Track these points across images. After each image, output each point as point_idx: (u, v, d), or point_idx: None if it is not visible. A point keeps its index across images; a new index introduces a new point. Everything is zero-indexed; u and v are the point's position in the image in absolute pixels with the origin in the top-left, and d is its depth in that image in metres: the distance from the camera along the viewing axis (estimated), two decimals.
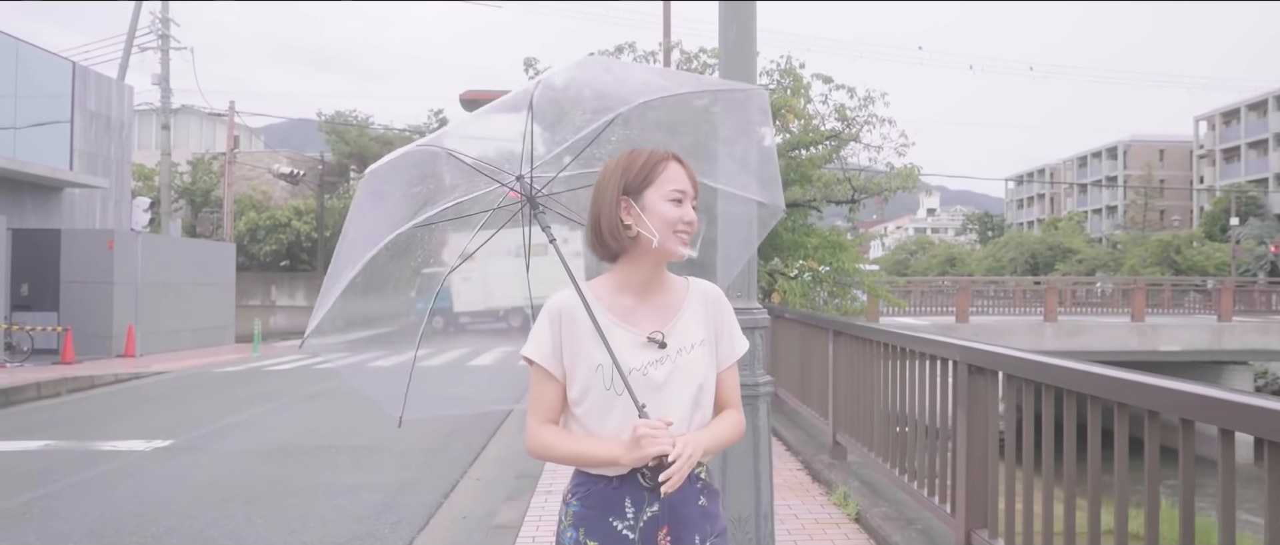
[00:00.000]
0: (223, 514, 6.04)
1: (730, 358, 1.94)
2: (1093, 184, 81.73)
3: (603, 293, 1.87)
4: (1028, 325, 22.54)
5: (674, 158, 1.87)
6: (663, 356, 1.82)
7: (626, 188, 1.83)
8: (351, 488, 6.76)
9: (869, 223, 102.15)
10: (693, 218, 1.84)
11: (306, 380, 14.32)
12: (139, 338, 18.99)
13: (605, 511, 1.80)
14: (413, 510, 6.07)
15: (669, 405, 1.80)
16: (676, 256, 1.83)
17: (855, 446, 5.94)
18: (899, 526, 4.76)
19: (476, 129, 2.34)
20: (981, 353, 3.93)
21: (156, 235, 23.01)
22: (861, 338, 5.77)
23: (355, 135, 39.07)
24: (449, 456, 7.85)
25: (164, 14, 27.72)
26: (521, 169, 2.10)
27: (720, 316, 1.94)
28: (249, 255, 33.75)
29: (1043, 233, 69.81)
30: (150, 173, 34.18)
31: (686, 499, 1.83)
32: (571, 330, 1.83)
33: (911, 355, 4.81)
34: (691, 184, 1.86)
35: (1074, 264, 56.01)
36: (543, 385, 1.84)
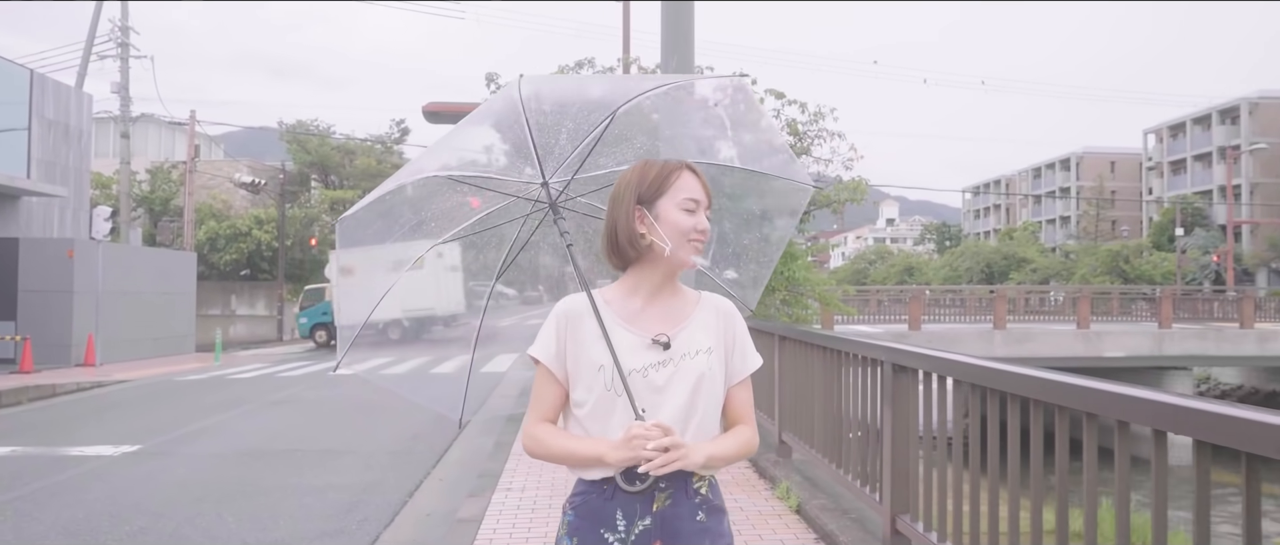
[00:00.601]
0: (195, 513, 6.26)
1: (742, 372, 1.94)
2: (1047, 195, 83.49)
3: (613, 298, 1.90)
4: (978, 333, 23.21)
5: (687, 167, 1.88)
6: (666, 359, 1.83)
7: (641, 197, 1.85)
8: (319, 488, 7.00)
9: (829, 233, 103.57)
10: (705, 226, 1.86)
11: (270, 387, 14.46)
12: (99, 347, 18.93)
13: (597, 522, 1.81)
14: (378, 509, 6.34)
15: (666, 408, 1.81)
16: (688, 265, 1.86)
17: (799, 445, 6.31)
18: (835, 516, 5.13)
19: (471, 148, 2.38)
20: (905, 353, 4.32)
21: (117, 244, 22.89)
22: (804, 342, 6.15)
23: (317, 145, 39.01)
24: (413, 459, 8.12)
25: (123, 21, 27.59)
26: (545, 176, 2.15)
27: (732, 330, 1.94)
28: (209, 264, 33.54)
29: (998, 242, 71.24)
30: (108, 181, 33.87)
31: (682, 513, 1.83)
32: (576, 332, 1.86)
33: (847, 358, 5.19)
34: (704, 193, 1.88)
35: (1028, 273, 57.26)
36: (544, 385, 1.88)
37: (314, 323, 28.11)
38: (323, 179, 40.56)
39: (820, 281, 12.01)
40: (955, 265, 64.47)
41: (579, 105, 2.26)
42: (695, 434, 1.82)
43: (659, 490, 1.80)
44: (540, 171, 2.14)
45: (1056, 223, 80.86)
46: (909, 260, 78.33)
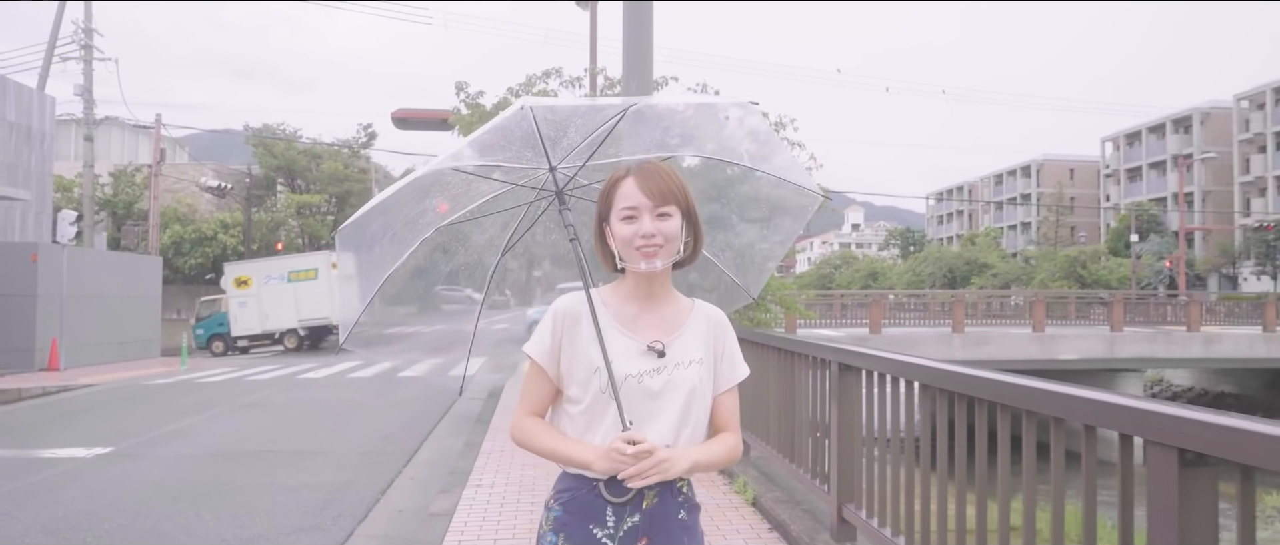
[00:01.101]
0: (172, 512, 6.45)
1: (731, 381, 1.97)
2: (1008, 201, 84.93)
3: (610, 300, 1.92)
4: (937, 336, 23.78)
5: (630, 173, 1.87)
6: (661, 366, 1.86)
7: (601, 214, 1.90)
8: (293, 487, 7.21)
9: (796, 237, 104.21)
10: (650, 230, 1.82)
11: (240, 391, 14.56)
12: (63, 351, 18.86)
13: (586, 518, 1.84)
14: (352, 506, 6.56)
15: (660, 415, 1.84)
16: (643, 272, 1.86)
17: (756, 442, 6.63)
18: (788, 508, 5.45)
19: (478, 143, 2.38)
20: (850, 354, 4.65)
21: (82, 248, 22.77)
22: (760, 344, 6.47)
23: (283, 148, 38.88)
24: (384, 458, 8.34)
25: (87, 23, 27.40)
26: (553, 162, 2.16)
27: (722, 340, 1.97)
28: (174, 268, 33.33)
29: (961, 248, 72.42)
30: (70, 184, 33.55)
31: (668, 513, 1.87)
32: (572, 332, 1.88)
33: (799, 359, 5.52)
34: (651, 194, 1.83)
35: (989, 278, 58.30)
36: (536, 381, 1.91)
37: (210, 334, 28.16)
38: (289, 183, 40.40)
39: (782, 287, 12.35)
40: (918, 270, 65.45)
41: (589, 109, 2.31)
42: (686, 442, 1.86)
43: (648, 490, 1.83)
44: (547, 158, 2.15)
45: (1017, 228, 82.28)
46: (873, 265, 79.38)
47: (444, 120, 16.52)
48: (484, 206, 2.39)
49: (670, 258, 1.87)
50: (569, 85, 12.80)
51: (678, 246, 1.88)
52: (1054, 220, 68.62)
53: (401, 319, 2.73)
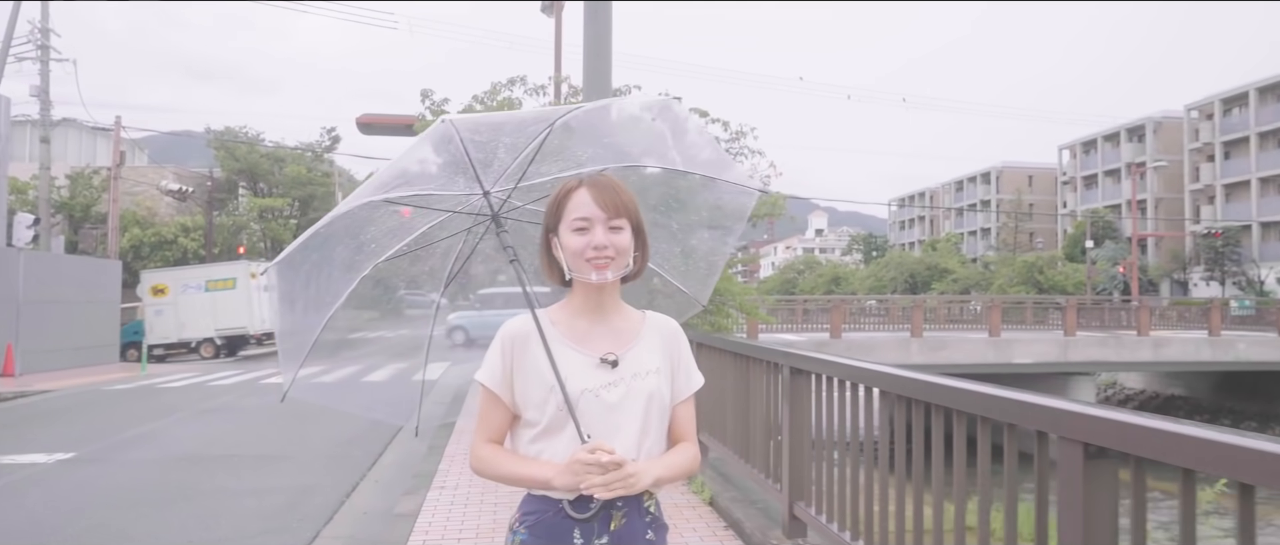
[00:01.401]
0: (138, 515, 6.51)
1: (687, 391, 1.95)
2: (968, 208, 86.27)
3: (559, 318, 1.90)
4: (896, 341, 24.21)
5: (583, 184, 1.85)
6: (616, 379, 1.83)
7: (548, 225, 1.88)
8: (258, 491, 7.29)
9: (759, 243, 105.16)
10: (603, 241, 1.80)
11: (201, 396, 14.51)
12: (19, 356, 18.62)
13: (553, 540, 1.80)
14: (317, 508, 6.66)
15: (621, 427, 1.81)
16: (592, 283, 1.83)
17: (714, 444, 6.83)
18: (743, 506, 5.66)
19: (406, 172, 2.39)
20: (801, 358, 4.87)
21: (38, 252, 22.46)
22: (717, 349, 6.68)
23: (245, 151, 38.56)
24: (349, 462, 8.43)
25: (43, 23, 27.04)
26: (486, 186, 2.16)
27: (677, 350, 1.96)
28: (133, 272, 32.89)
29: (922, 253, 73.43)
30: (24, 186, 33.01)
31: (635, 531, 1.83)
32: (522, 354, 1.85)
33: (753, 363, 5.73)
34: (604, 206, 1.82)
35: (950, 283, 59.20)
36: (490, 407, 1.88)
37: (125, 341, 27.79)
38: (251, 186, 40.06)
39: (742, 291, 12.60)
40: (880, 275, 66.28)
41: (515, 124, 2.28)
42: (647, 454, 1.83)
43: (615, 509, 1.81)
44: (479, 183, 2.15)
45: (978, 234, 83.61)
46: (836, 270, 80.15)
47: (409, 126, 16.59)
48: (423, 237, 2.38)
49: (621, 270, 1.85)
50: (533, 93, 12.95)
51: (628, 260, 1.86)
52: (1013, 226, 69.82)
53: (365, 324, 2.71)
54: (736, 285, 12.96)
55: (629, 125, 2.55)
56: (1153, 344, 25.33)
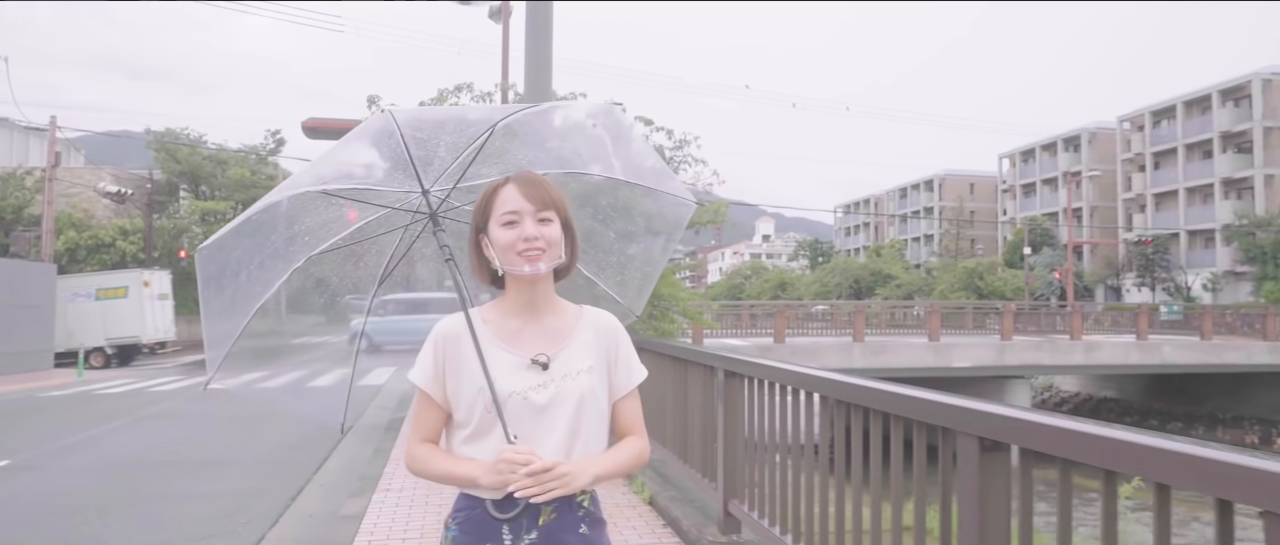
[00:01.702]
0: (79, 522, 6.49)
1: (628, 385, 1.94)
2: (911, 215, 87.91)
3: (491, 317, 1.89)
4: (839, 345, 24.70)
5: (511, 180, 1.87)
6: (546, 380, 1.82)
7: (478, 224, 1.87)
8: (202, 495, 7.30)
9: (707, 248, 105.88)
10: (533, 233, 1.81)
11: (143, 402, 14.31)
12: None
13: (483, 537, 1.81)
14: (262, 512, 6.70)
15: (549, 430, 1.81)
16: (524, 276, 1.83)
17: (655, 446, 7.02)
18: (682, 505, 5.85)
19: (346, 163, 2.39)
20: (734, 361, 5.08)
21: None
22: (657, 352, 6.87)
23: (187, 154, 37.87)
24: (294, 466, 8.45)
25: None
26: (425, 184, 2.16)
27: (615, 345, 1.94)
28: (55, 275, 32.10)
29: (867, 259, 74.67)
30: None
31: (567, 526, 1.83)
32: (454, 354, 1.85)
33: (691, 366, 5.93)
34: (532, 199, 1.83)
35: (893, 289, 60.32)
36: (424, 407, 1.89)
37: None
38: (193, 189, 39.34)
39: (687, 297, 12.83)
40: (826, 281, 67.26)
41: (457, 122, 2.30)
42: (580, 455, 1.82)
43: (546, 505, 1.80)
44: (419, 182, 2.15)
45: (921, 240, 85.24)
46: (783, 276, 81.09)
47: None
48: (359, 231, 2.37)
49: (553, 262, 1.85)
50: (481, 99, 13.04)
51: (560, 252, 1.86)
52: (955, 233, 71.36)
53: (309, 329, 2.72)
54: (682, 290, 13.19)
55: (572, 131, 2.57)
56: (1085, 348, 26.20)
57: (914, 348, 24.71)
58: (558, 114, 2.62)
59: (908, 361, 23.35)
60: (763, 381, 4.66)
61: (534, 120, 2.40)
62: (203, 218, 37.16)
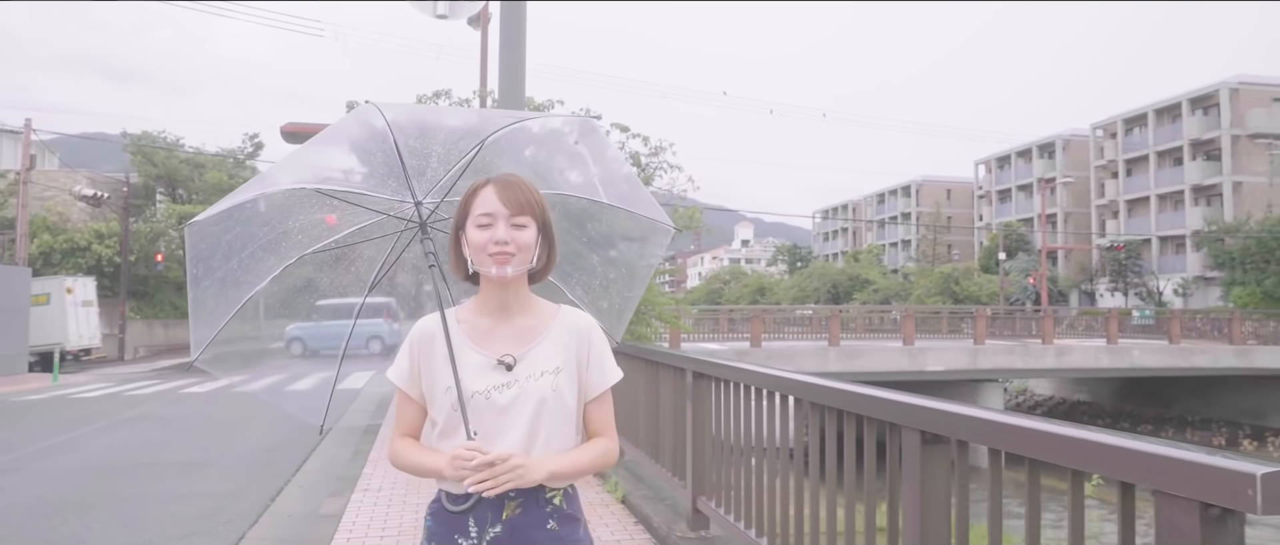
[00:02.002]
0: (58, 523, 6.57)
1: (599, 386, 1.96)
2: (889, 220, 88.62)
3: (465, 316, 1.96)
4: (814, 350, 24.98)
5: (490, 182, 1.91)
6: (510, 380, 1.87)
7: (457, 223, 1.93)
8: (183, 496, 7.40)
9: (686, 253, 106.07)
10: (504, 236, 1.85)
11: (120, 405, 14.32)
12: None
13: (452, 529, 1.87)
14: (242, 512, 6.81)
15: (509, 429, 1.85)
16: (492, 277, 1.88)
17: (629, 446, 7.19)
18: (653, 503, 6.03)
19: (336, 164, 2.43)
20: (703, 363, 5.26)
21: None
22: (630, 355, 7.04)
23: (164, 157, 37.71)
24: (273, 468, 8.55)
25: None
26: (418, 197, 2.21)
27: (588, 346, 1.96)
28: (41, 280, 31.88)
29: (845, 264, 75.22)
30: None
31: (533, 522, 1.87)
32: (427, 353, 1.92)
33: (662, 368, 6.12)
34: (508, 203, 1.87)
35: (871, 293, 60.85)
36: (401, 404, 1.97)
37: None
38: (170, 192, 39.17)
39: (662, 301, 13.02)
40: (804, 285, 67.73)
41: (445, 133, 2.33)
42: (539, 454, 1.86)
43: (509, 499, 1.84)
44: (412, 191, 2.20)
45: (899, 246, 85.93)
46: (761, 280, 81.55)
47: None
48: (353, 236, 2.41)
49: (523, 266, 1.89)
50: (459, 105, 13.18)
51: (532, 256, 1.90)
52: (932, 238, 72.02)
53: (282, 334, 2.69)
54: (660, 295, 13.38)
55: (556, 150, 2.60)
56: (1056, 352, 26.62)
57: (888, 352, 25.02)
58: (539, 128, 2.63)
59: (882, 365, 23.65)
60: (729, 382, 4.84)
61: (516, 136, 2.44)
62: (180, 220, 37.02)
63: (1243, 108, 51.88)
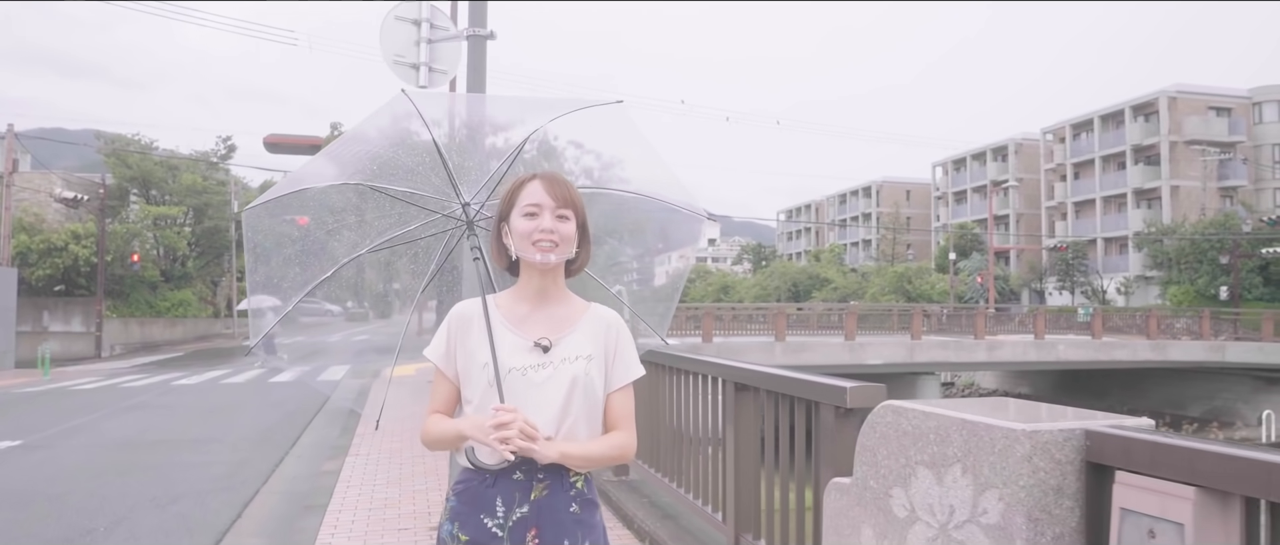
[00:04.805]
0: (102, 483, 8.00)
1: (623, 380, 2.03)
2: (850, 220, 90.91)
3: (503, 301, 2.04)
4: (762, 344, 26.69)
5: (537, 176, 2.00)
6: (546, 361, 1.94)
7: (501, 214, 2.02)
8: (198, 464, 8.84)
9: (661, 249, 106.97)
10: (550, 226, 1.94)
11: (118, 396, 15.65)
12: None
13: (478, 508, 1.93)
14: (252, 474, 8.26)
15: (542, 405, 1.92)
16: (537, 264, 1.96)
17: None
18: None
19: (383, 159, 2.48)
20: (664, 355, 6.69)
21: None
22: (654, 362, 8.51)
23: (138, 160, 38.66)
24: (273, 442, 10.01)
25: None
26: (464, 198, 2.32)
27: (617, 340, 2.04)
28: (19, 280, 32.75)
29: (808, 263, 77.26)
30: None
31: (558, 504, 1.93)
32: (464, 333, 2.00)
33: None
34: (554, 197, 1.96)
35: (830, 292, 62.76)
36: (437, 382, 2.04)
37: None
38: (144, 193, 40.10)
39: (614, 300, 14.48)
40: (765, 284, 69.59)
41: (490, 127, 2.49)
42: (567, 432, 1.94)
43: (536, 481, 1.92)
44: (457, 192, 2.32)
45: (860, 245, 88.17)
46: (725, 279, 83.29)
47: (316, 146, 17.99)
48: (407, 234, 2.54)
49: (564, 256, 1.99)
50: None
51: (572, 249, 2.01)
52: (892, 238, 74.22)
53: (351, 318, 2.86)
54: None
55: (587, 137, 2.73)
56: (987, 346, 28.61)
57: (831, 346, 26.79)
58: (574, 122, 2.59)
59: (824, 359, 25.38)
60: (667, 368, 5.99)
61: (563, 129, 2.55)
62: (155, 222, 38.04)
63: (1180, 115, 54.47)
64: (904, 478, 2.55)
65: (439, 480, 7.00)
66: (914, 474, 2.51)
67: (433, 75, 6.46)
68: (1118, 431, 2.11)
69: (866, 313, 33.21)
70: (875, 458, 2.70)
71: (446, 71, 6.48)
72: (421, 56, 6.16)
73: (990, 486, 2.21)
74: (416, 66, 6.20)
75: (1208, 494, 1.82)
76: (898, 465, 2.59)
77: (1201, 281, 46.48)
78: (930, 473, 2.44)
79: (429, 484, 7.02)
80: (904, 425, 2.57)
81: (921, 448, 2.48)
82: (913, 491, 2.51)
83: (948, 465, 2.37)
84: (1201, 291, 46.14)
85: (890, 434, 2.63)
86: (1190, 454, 1.87)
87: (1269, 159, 55.43)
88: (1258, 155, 55.65)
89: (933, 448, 2.43)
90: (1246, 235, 45.51)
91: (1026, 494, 2.11)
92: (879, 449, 2.68)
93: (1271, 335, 31.85)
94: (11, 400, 15.74)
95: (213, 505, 6.99)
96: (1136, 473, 1.99)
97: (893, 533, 2.59)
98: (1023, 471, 2.12)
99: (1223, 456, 1.81)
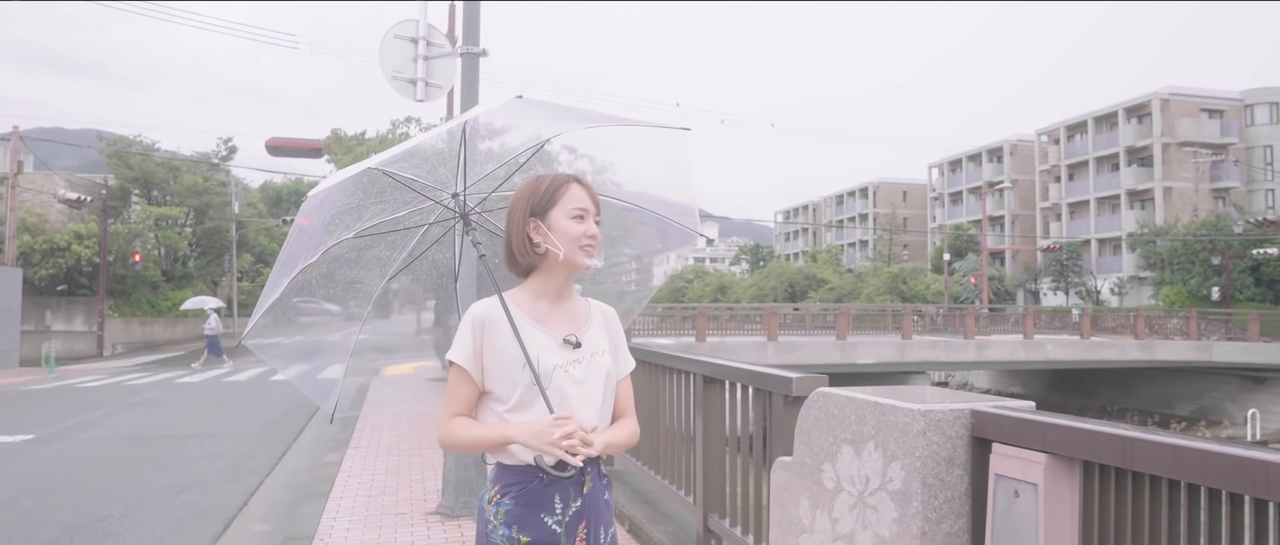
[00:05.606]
0: (116, 472, 8.41)
1: (626, 369, 2.15)
2: (847, 221, 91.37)
3: (521, 300, 2.04)
4: (754, 344, 27.10)
5: (575, 180, 2.04)
6: (578, 357, 2.00)
7: (534, 209, 2.01)
8: (206, 456, 9.25)
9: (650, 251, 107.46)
10: (595, 232, 2.01)
11: (124, 393, 16.06)
12: None
13: (537, 508, 1.94)
14: (258, 466, 8.68)
15: (586, 400, 1.99)
16: (583, 267, 2.02)
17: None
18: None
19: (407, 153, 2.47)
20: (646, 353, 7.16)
21: None
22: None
23: (140, 161, 39.05)
24: (275, 438, 10.42)
25: None
26: (455, 188, 2.34)
27: (617, 334, 2.15)
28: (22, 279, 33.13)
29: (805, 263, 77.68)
30: None
31: (598, 493, 2.02)
32: (491, 335, 1.99)
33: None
34: (593, 203, 2.03)
35: (826, 292, 63.16)
36: (459, 384, 2.01)
37: None
38: (145, 194, 40.51)
39: None
40: (762, 284, 69.99)
41: (516, 130, 2.53)
42: (604, 423, 2.04)
43: (586, 473, 1.99)
44: (455, 181, 2.34)
45: (857, 246, 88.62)
46: (723, 279, 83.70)
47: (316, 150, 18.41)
48: (393, 221, 2.54)
49: (600, 260, 2.13)
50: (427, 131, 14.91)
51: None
52: (888, 239, 74.65)
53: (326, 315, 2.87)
54: None
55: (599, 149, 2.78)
56: (976, 346, 29.05)
57: (823, 346, 27.21)
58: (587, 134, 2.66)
59: (815, 358, 25.78)
60: (649, 365, 6.44)
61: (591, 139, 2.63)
62: (156, 222, 38.46)
63: (1172, 117, 54.92)
64: (832, 454, 2.96)
65: (435, 470, 7.39)
66: (839, 450, 2.92)
67: (429, 89, 6.88)
68: (995, 410, 2.51)
69: (860, 313, 33.62)
70: (810, 437, 3.12)
71: (442, 85, 6.90)
72: (418, 72, 6.57)
73: (895, 458, 2.62)
74: (413, 81, 6.62)
75: (1055, 459, 2.24)
76: (827, 443, 3.00)
77: (1194, 282, 46.93)
78: (851, 449, 2.85)
79: (426, 474, 7.42)
80: (832, 409, 2.98)
81: (845, 427, 2.89)
82: (838, 465, 2.92)
83: (864, 441, 2.78)
84: (1194, 292, 46.59)
85: (822, 417, 3.04)
86: (1042, 427, 2.28)
87: (1261, 161, 55.93)
88: (1249, 157, 56.16)
89: (853, 427, 2.84)
90: (1238, 236, 45.95)
91: (922, 464, 2.52)
92: (813, 430, 3.10)
93: (1258, 335, 32.33)
94: (19, 397, 16.14)
95: (220, 494, 7.40)
96: (1008, 445, 2.41)
97: (824, 502, 3.00)
98: (919, 445, 2.53)
99: (1064, 428, 2.22)
